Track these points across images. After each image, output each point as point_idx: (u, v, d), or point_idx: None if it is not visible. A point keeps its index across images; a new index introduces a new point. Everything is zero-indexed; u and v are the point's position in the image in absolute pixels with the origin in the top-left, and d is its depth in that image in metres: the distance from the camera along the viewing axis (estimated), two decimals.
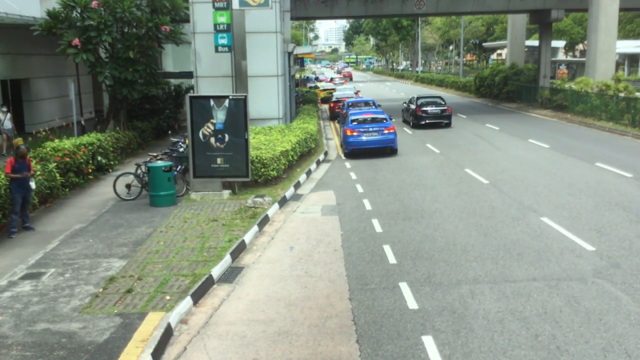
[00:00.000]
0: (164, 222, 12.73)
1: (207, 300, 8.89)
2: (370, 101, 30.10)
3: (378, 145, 21.18)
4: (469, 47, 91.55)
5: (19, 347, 7.29)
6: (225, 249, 10.74)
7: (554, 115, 32.18)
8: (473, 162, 19.24)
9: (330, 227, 12.55)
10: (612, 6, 31.45)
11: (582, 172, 16.97)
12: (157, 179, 14.11)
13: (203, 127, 14.58)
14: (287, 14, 26.48)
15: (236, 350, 7.33)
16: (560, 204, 13.54)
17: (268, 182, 16.10)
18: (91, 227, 12.54)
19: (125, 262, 10.27)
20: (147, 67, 21.25)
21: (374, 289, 9.12)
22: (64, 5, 20.05)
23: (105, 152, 18.04)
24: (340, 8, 36.20)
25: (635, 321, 7.65)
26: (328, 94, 45.58)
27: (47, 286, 9.29)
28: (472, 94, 49.87)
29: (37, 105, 23.82)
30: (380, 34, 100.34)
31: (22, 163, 11.97)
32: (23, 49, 22.51)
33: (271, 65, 21.90)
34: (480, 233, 11.58)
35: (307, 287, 9.30)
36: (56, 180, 14.32)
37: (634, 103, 26.28)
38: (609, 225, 11.79)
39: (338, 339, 7.52)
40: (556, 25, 55.04)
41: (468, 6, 36.95)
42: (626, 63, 59.72)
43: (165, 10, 21.62)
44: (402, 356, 7.04)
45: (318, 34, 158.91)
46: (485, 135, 25.88)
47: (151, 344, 7.21)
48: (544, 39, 39.51)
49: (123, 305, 8.43)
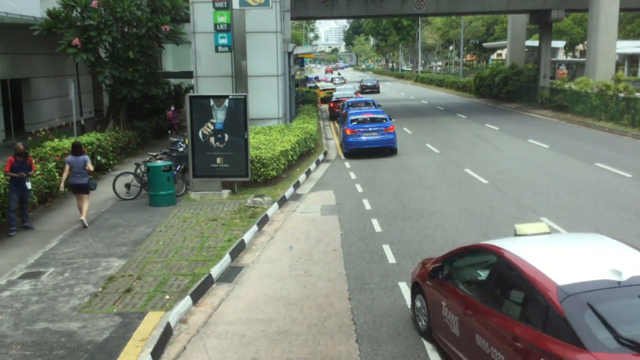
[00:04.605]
0: (163, 222, 12.73)
1: (206, 300, 8.88)
2: (370, 101, 30.11)
3: (378, 145, 21.19)
4: (469, 47, 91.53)
5: (18, 346, 7.29)
6: (224, 249, 10.74)
7: (553, 116, 32.19)
8: (473, 162, 19.24)
9: (329, 227, 12.55)
10: (612, 6, 31.46)
11: (582, 172, 16.97)
12: (157, 179, 14.11)
13: (203, 127, 14.58)
14: (287, 14, 26.46)
15: (235, 350, 7.33)
16: (559, 204, 13.54)
17: (268, 181, 16.10)
18: (90, 227, 12.53)
19: (125, 262, 10.27)
20: (147, 67, 21.25)
21: (373, 288, 9.12)
22: (64, 4, 20.06)
23: (104, 151, 18.04)
24: (341, 8, 36.20)
25: None
26: (328, 94, 45.59)
27: (47, 285, 9.29)
28: (472, 94, 49.88)
29: (37, 105, 23.81)
30: (380, 34, 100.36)
31: (22, 162, 11.96)
32: (23, 48, 22.50)
33: (271, 65, 21.90)
34: (480, 233, 11.57)
35: (307, 286, 9.30)
36: (56, 179, 14.30)
37: (633, 103, 26.29)
38: (608, 225, 11.78)
39: (337, 339, 7.52)
40: (556, 26, 54.98)
41: (468, 6, 36.96)
42: (626, 63, 59.70)
43: (165, 9, 21.63)
44: (401, 356, 7.04)
45: (318, 34, 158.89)
46: (485, 135, 25.89)
47: (150, 343, 7.21)
48: (544, 39, 39.53)
49: (122, 305, 8.43)
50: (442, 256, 7.26)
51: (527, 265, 5.43)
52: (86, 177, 12.58)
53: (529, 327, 5.06)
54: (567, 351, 4.55)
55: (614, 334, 4.49)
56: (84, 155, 12.79)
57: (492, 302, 5.70)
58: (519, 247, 5.88)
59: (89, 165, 12.68)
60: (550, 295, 4.95)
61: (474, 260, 6.62)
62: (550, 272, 5.20)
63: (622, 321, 4.62)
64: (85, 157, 12.74)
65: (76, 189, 12.58)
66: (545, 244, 6.14)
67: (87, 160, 12.68)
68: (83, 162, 12.56)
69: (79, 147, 12.76)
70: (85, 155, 12.89)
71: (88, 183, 12.62)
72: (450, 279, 6.64)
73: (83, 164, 12.54)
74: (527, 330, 5.04)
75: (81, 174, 12.50)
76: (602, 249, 5.92)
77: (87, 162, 12.64)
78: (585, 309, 4.71)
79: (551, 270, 5.22)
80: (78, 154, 12.63)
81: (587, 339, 4.51)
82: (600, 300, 4.78)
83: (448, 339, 6.56)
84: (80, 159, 12.57)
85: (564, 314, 4.76)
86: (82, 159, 12.60)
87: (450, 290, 6.52)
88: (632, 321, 4.68)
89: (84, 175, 12.53)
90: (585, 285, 4.96)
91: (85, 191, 12.62)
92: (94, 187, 13.08)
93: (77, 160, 12.52)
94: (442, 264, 6.89)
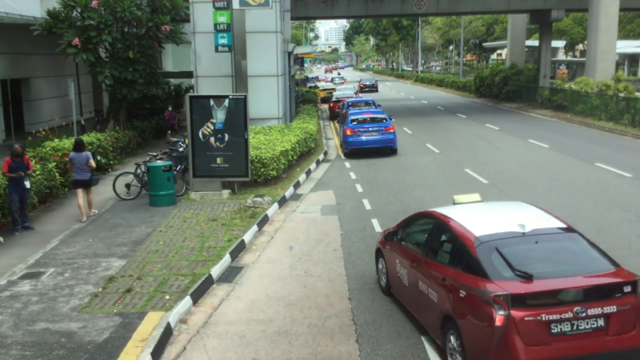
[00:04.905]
0: (163, 222, 12.73)
1: (206, 300, 8.88)
2: (370, 101, 30.10)
3: (378, 145, 21.19)
4: (469, 47, 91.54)
5: (18, 346, 7.29)
6: (224, 249, 10.74)
7: (553, 115, 32.19)
8: (473, 162, 19.25)
9: (329, 227, 12.55)
10: (612, 6, 31.46)
11: (582, 172, 16.97)
12: (157, 179, 14.11)
13: (203, 127, 14.58)
14: (287, 14, 26.46)
15: (235, 350, 7.33)
16: (560, 203, 13.54)
17: (268, 181, 16.10)
18: (90, 227, 12.54)
19: (125, 262, 10.27)
20: (147, 67, 21.25)
21: (373, 288, 9.12)
22: (64, 4, 20.06)
23: (104, 151, 18.05)
24: (341, 8, 36.19)
25: None
26: (328, 94, 45.61)
27: (47, 286, 9.29)
28: (472, 94, 49.88)
29: (37, 105, 23.79)
30: (380, 33, 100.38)
31: (19, 162, 12.00)
32: (23, 48, 22.48)
33: (271, 65, 21.89)
34: None
35: (307, 286, 9.30)
36: (56, 179, 14.32)
37: (633, 103, 26.29)
38: (608, 225, 11.78)
39: (337, 339, 7.52)
40: (556, 25, 55.01)
41: (468, 6, 36.96)
42: (626, 63, 59.71)
43: (165, 9, 21.63)
44: (401, 356, 7.04)
45: (318, 34, 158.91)
46: (485, 135, 25.89)
47: (150, 343, 7.21)
48: (544, 39, 39.52)
49: (122, 305, 8.43)
50: (397, 224, 8.83)
51: (456, 223, 7.07)
52: (88, 173, 13.04)
53: (454, 269, 6.64)
54: (477, 282, 6.14)
55: (512, 269, 6.10)
56: (86, 152, 13.26)
57: (431, 254, 7.30)
58: (452, 212, 7.52)
59: (92, 162, 13.15)
60: (469, 244, 6.57)
61: (419, 223, 8.16)
62: (472, 227, 6.81)
63: (520, 260, 6.22)
64: (87, 153, 13.20)
65: (78, 185, 13.03)
66: (474, 209, 7.71)
67: (90, 157, 13.16)
68: (85, 158, 13.03)
69: (80, 144, 13.23)
70: (88, 152, 13.37)
71: (90, 179, 13.11)
72: (403, 241, 8.25)
73: (85, 161, 13.00)
74: (452, 271, 6.63)
75: (83, 170, 12.97)
76: (518, 211, 7.57)
77: (90, 158, 13.13)
78: (493, 252, 6.35)
79: (473, 226, 6.84)
80: (80, 150, 13.07)
81: (491, 273, 6.14)
82: (505, 245, 6.42)
83: (400, 290, 8.17)
84: (82, 155, 13.03)
85: (477, 256, 6.35)
86: (84, 155, 13.06)
87: (401, 250, 8.15)
88: (528, 260, 6.29)
89: (86, 172, 13.00)
90: (495, 235, 6.60)
91: (88, 186, 13.16)
92: (96, 182, 13.59)
93: (79, 157, 12.99)
94: (397, 230, 8.57)
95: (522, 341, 5.69)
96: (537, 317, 5.74)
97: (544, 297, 5.86)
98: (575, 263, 6.40)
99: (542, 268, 6.21)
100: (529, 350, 5.70)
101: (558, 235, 6.80)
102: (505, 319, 5.71)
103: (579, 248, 6.60)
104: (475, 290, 6.07)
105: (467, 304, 6.18)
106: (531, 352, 5.71)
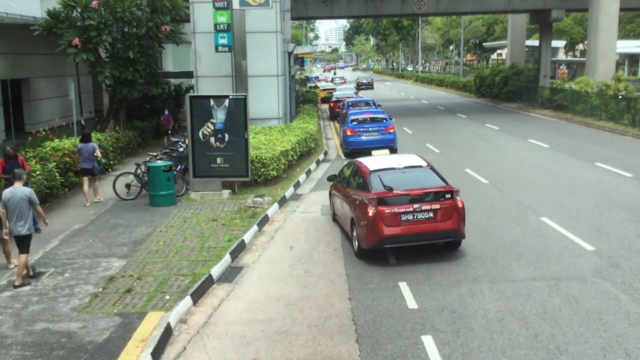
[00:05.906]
0: (163, 222, 12.73)
1: (206, 300, 8.89)
2: (370, 101, 30.08)
3: (378, 145, 21.11)
4: (469, 47, 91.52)
5: (19, 346, 7.29)
6: (224, 249, 10.75)
7: (554, 115, 32.18)
8: (473, 161, 19.24)
9: (330, 227, 12.55)
10: (612, 6, 31.46)
11: (582, 172, 16.97)
12: (157, 179, 14.11)
13: (203, 127, 14.58)
14: (287, 14, 26.45)
15: (236, 350, 7.33)
16: (560, 203, 13.54)
17: (268, 181, 16.10)
18: (91, 227, 12.55)
19: (125, 262, 10.27)
20: (147, 67, 21.24)
21: (373, 288, 9.12)
22: (64, 5, 20.06)
23: (105, 151, 18.03)
24: (341, 8, 36.19)
25: (634, 321, 7.65)
26: (328, 94, 45.60)
27: (47, 286, 9.29)
28: (472, 94, 49.89)
29: (37, 105, 23.78)
30: (380, 33, 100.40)
31: (13, 164, 11.98)
32: (23, 48, 22.47)
33: (271, 65, 21.90)
34: (480, 233, 11.58)
35: (307, 286, 9.30)
36: (56, 180, 14.32)
37: (634, 103, 26.28)
38: (608, 225, 11.78)
39: (338, 339, 7.52)
40: (556, 25, 54.99)
41: (468, 6, 36.95)
42: (626, 63, 59.67)
43: (165, 9, 21.63)
44: (401, 356, 7.04)
45: (318, 34, 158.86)
46: (485, 135, 25.88)
47: (151, 343, 7.21)
48: (544, 39, 39.51)
49: (123, 305, 8.43)
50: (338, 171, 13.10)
51: (363, 165, 11.18)
52: (92, 162, 14.33)
53: (359, 190, 10.68)
54: (365, 193, 10.29)
55: (383, 185, 10.19)
56: (92, 143, 14.58)
57: (350, 185, 11.37)
58: (364, 159, 11.72)
59: (97, 152, 14.52)
60: (365, 174, 10.75)
61: (347, 168, 12.19)
62: (370, 166, 10.95)
63: (390, 182, 10.26)
64: (93, 144, 14.52)
65: (84, 173, 14.41)
66: (378, 158, 11.78)
67: (96, 148, 14.53)
68: (92, 148, 14.37)
69: (87, 136, 14.62)
70: (94, 143, 14.69)
71: (93, 167, 14.36)
72: (340, 182, 12.17)
73: (92, 151, 14.34)
74: (358, 191, 10.68)
75: (90, 160, 14.31)
76: (403, 158, 11.56)
77: (96, 149, 14.49)
78: (376, 178, 10.46)
79: (370, 165, 10.97)
80: (87, 141, 14.40)
81: (372, 188, 10.27)
82: (384, 174, 10.54)
83: (338, 216, 12.19)
84: (89, 146, 14.36)
85: (367, 180, 10.51)
86: (90, 146, 14.39)
87: (336, 187, 12.34)
88: (395, 182, 10.29)
89: (92, 161, 14.34)
90: (380, 169, 10.76)
91: (93, 174, 14.49)
92: (98, 170, 14.74)
93: (86, 147, 14.32)
94: (337, 174, 12.85)
95: (384, 224, 9.78)
96: (392, 210, 9.82)
97: (396, 199, 9.93)
98: (421, 182, 10.33)
99: (401, 185, 10.21)
100: (387, 229, 9.79)
101: (418, 169, 10.87)
102: (375, 212, 9.78)
103: (428, 175, 10.64)
104: (363, 197, 10.21)
105: (359, 207, 10.26)
106: (389, 230, 9.80)
